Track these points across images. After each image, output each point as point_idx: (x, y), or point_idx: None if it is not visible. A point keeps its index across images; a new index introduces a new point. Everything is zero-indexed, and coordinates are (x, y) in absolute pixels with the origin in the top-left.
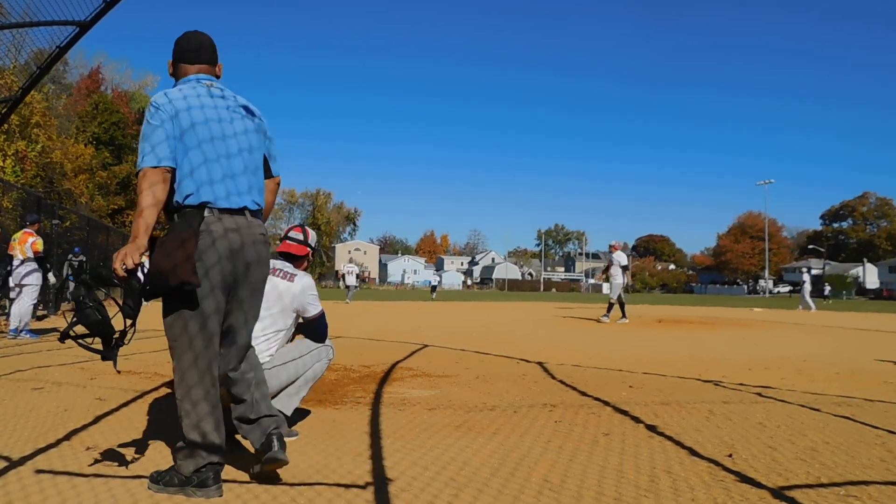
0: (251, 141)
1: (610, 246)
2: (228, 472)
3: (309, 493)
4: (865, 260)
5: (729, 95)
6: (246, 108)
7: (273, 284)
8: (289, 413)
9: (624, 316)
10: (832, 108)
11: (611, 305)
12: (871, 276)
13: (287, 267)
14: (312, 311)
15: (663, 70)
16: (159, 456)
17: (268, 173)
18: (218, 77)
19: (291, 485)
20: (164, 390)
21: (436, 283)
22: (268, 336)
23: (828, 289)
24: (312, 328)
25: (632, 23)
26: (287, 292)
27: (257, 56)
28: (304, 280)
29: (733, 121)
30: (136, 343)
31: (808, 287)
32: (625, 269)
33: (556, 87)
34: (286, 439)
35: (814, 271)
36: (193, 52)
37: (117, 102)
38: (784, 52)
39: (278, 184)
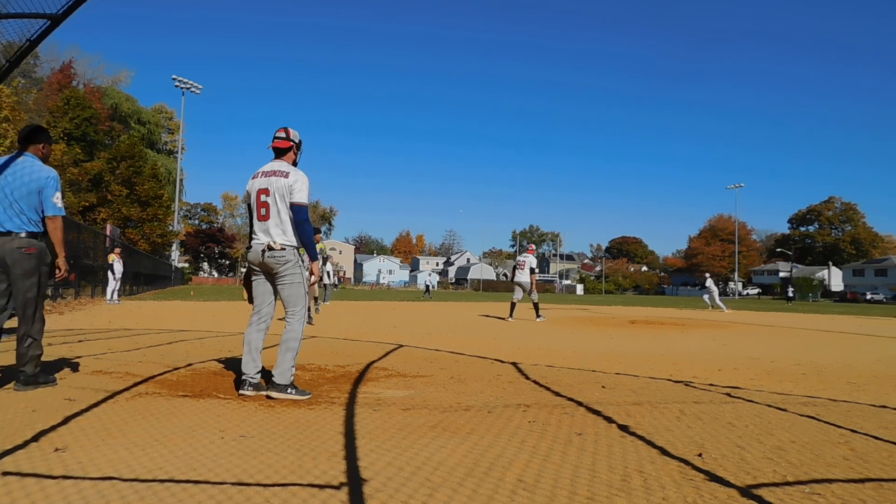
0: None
1: (527, 247)
2: (202, 473)
3: (283, 493)
4: (831, 263)
5: (702, 104)
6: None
7: (274, 184)
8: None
9: (511, 315)
10: (801, 116)
11: (536, 305)
12: (836, 279)
13: (283, 167)
14: (297, 196)
15: (638, 80)
16: (130, 456)
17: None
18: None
19: (266, 485)
20: (136, 390)
21: (430, 284)
22: (277, 223)
23: (791, 291)
24: (298, 219)
25: (607, 34)
26: (284, 186)
27: (234, 43)
28: (297, 174)
29: (706, 127)
30: (107, 342)
31: (714, 290)
32: (533, 271)
33: (535, 91)
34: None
35: (782, 274)
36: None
37: (90, 98)
38: (754, 68)
39: (52, 219)
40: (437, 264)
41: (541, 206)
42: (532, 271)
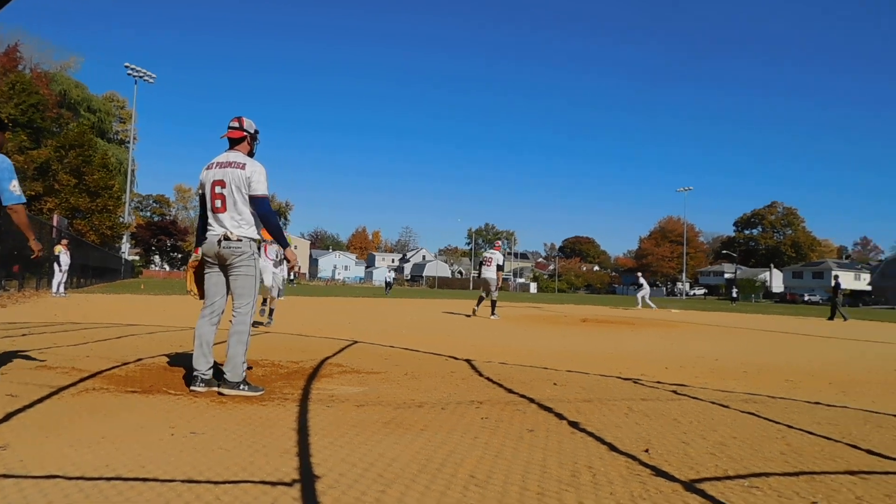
0: None
1: (493, 244)
2: (151, 470)
3: (234, 490)
4: (772, 265)
5: (652, 109)
6: None
7: (230, 175)
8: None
9: (493, 313)
10: (747, 122)
11: (493, 303)
12: (777, 280)
13: (239, 158)
14: (257, 188)
15: (591, 85)
16: (76, 454)
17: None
18: None
19: (216, 483)
20: (83, 386)
21: (391, 280)
22: (233, 215)
23: (735, 292)
24: (261, 211)
25: (559, 33)
26: (241, 178)
27: (188, 34)
28: (254, 165)
29: (657, 131)
30: (52, 336)
31: (647, 290)
32: (499, 268)
33: (490, 89)
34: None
35: (727, 275)
36: None
37: (37, 83)
38: (703, 74)
39: (12, 209)
40: (393, 261)
41: (496, 204)
42: (499, 268)
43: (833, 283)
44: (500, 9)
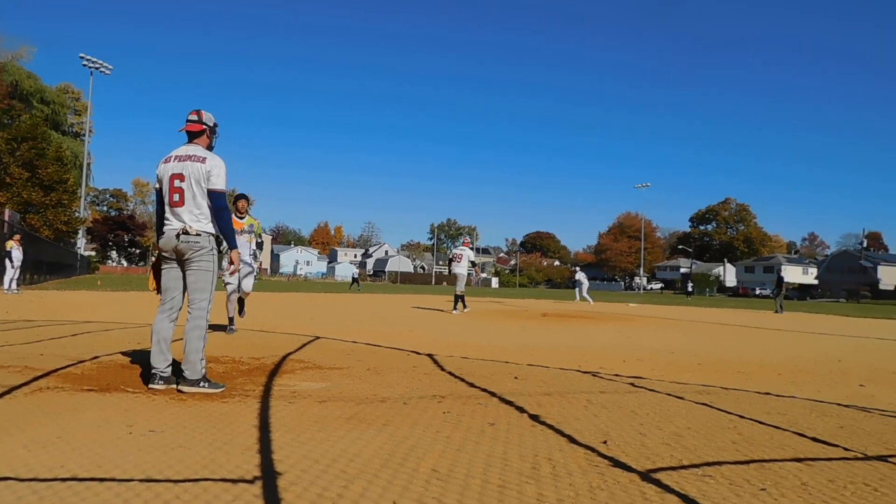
0: None
1: (462, 240)
2: (108, 470)
3: (194, 489)
4: (726, 260)
5: (611, 107)
6: None
7: (189, 169)
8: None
9: (465, 307)
10: (703, 119)
11: (457, 297)
12: (730, 275)
13: (199, 151)
14: (216, 183)
15: (551, 81)
16: (29, 455)
17: None
18: None
19: (176, 481)
20: (37, 385)
21: (356, 275)
22: (192, 209)
23: (690, 286)
24: (217, 206)
25: (519, 29)
26: (200, 171)
27: (147, 25)
28: (213, 159)
29: (616, 128)
30: (4, 334)
31: (585, 285)
32: (473, 264)
33: (451, 85)
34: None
35: (682, 270)
36: None
37: None
38: (660, 72)
39: None
40: (356, 256)
41: (458, 199)
42: (473, 264)
43: (777, 277)
44: (449, 2)
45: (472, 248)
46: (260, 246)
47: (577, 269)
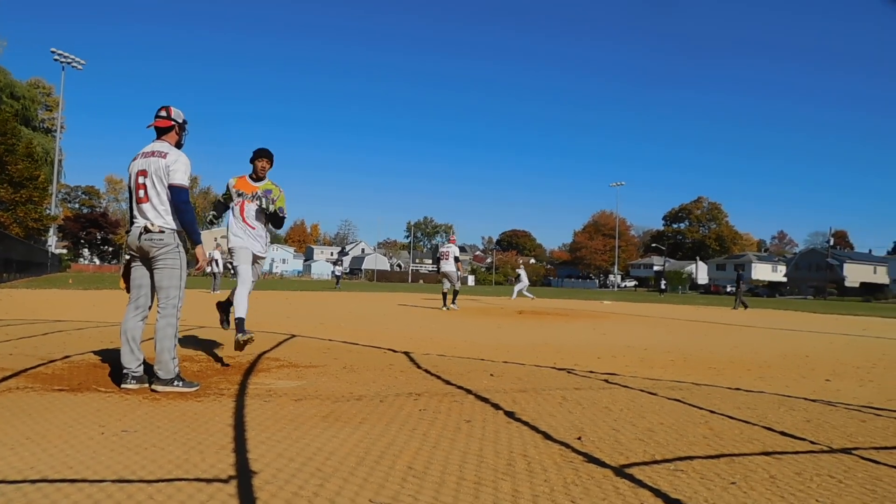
0: None
1: (448, 237)
2: (79, 471)
3: (168, 489)
4: (698, 258)
5: (587, 104)
6: None
7: (152, 165)
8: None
9: (453, 303)
10: (676, 118)
11: (455, 293)
12: (702, 272)
13: (163, 147)
14: (176, 177)
15: (527, 80)
16: None
17: None
18: None
19: (149, 481)
20: (6, 385)
21: (339, 273)
22: (155, 205)
23: (663, 284)
24: (176, 200)
25: (492, 27)
26: (162, 167)
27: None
28: (176, 154)
29: (592, 126)
30: None
31: (525, 282)
32: (457, 259)
33: (426, 83)
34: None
35: (656, 267)
36: None
37: None
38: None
39: None
40: (332, 254)
41: (435, 197)
42: (456, 259)
43: (736, 275)
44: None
45: (458, 245)
46: (275, 222)
47: (521, 263)
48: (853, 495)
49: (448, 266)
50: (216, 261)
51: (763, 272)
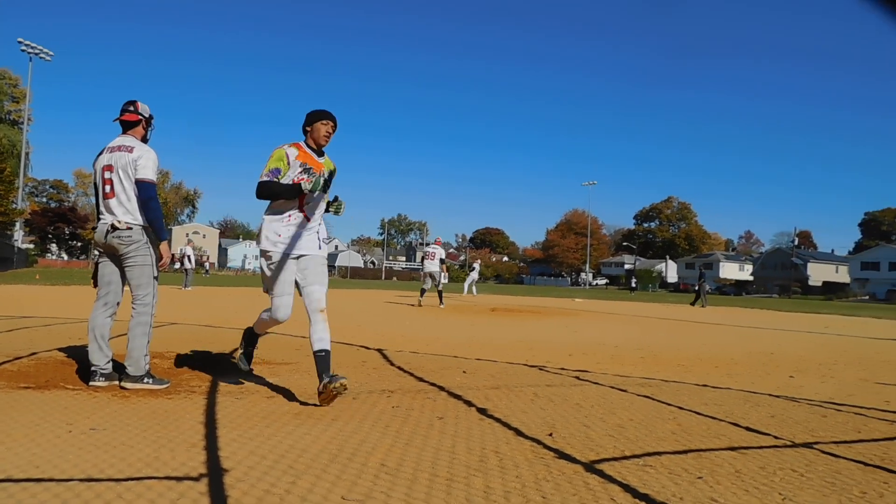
0: None
1: (434, 240)
2: (46, 470)
3: (137, 487)
4: (668, 257)
5: (559, 103)
6: None
7: (118, 160)
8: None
9: (427, 300)
10: (647, 118)
11: (440, 292)
12: (672, 271)
13: (129, 142)
14: (142, 172)
15: (501, 79)
16: None
17: None
18: None
19: (118, 480)
20: None
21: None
22: (122, 201)
23: (634, 282)
24: (143, 196)
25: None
26: (128, 161)
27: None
28: (142, 149)
29: (564, 125)
30: None
31: (475, 277)
32: (442, 261)
33: (400, 84)
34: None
35: (627, 266)
36: None
37: None
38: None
39: None
40: None
41: (408, 195)
42: (442, 261)
43: (700, 273)
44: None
45: (443, 247)
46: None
47: (478, 261)
48: (814, 488)
49: (433, 266)
50: (188, 257)
51: (730, 271)
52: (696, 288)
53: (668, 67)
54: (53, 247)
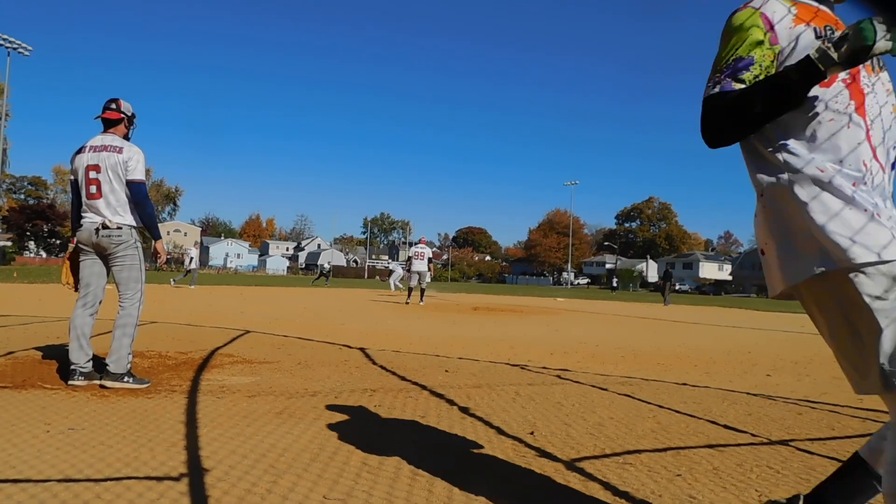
0: None
1: (419, 239)
2: (23, 471)
3: (116, 487)
4: (648, 257)
5: (542, 103)
6: None
7: (106, 160)
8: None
9: (421, 300)
10: (630, 120)
11: (422, 291)
12: (652, 271)
13: (116, 141)
14: (134, 174)
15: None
16: None
17: None
18: None
19: (97, 480)
20: None
21: (328, 269)
22: (111, 202)
23: (615, 281)
24: (136, 198)
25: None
26: (118, 162)
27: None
28: (131, 149)
29: (546, 126)
30: None
31: (398, 274)
32: (430, 261)
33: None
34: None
35: (608, 265)
36: None
37: None
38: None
39: None
40: (288, 249)
41: (392, 193)
42: (429, 261)
43: (665, 272)
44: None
45: (429, 247)
46: None
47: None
48: (789, 484)
49: (421, 266)
50: (192, 258)
51: (710, 271)
52: (663, 286)
53: (653, 66)
54: (31, 244)
